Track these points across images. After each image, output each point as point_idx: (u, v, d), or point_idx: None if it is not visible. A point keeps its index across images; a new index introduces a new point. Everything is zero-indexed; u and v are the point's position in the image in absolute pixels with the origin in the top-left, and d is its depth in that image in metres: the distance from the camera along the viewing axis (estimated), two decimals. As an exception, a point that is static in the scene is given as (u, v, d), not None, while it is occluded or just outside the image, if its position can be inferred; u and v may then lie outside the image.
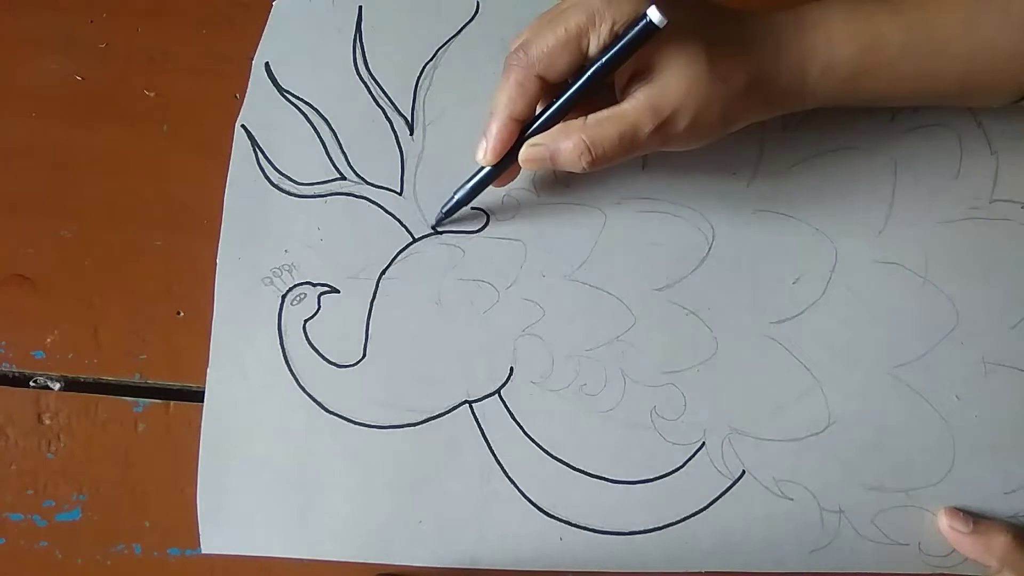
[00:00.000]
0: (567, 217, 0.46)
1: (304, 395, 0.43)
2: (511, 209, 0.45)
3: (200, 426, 0.43)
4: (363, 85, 0.46)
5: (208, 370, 0.43)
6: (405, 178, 0.45)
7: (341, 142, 0.45)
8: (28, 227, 0.44)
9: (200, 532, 0.42)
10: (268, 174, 0.45)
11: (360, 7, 0.46)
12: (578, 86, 0.39)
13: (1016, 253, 0.47)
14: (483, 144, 0.40)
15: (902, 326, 0.46)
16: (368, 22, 0.46)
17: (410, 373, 0.44)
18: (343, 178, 0.45)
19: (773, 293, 0.46)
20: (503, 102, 0.39)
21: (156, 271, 0.44)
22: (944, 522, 0.45)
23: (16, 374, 0.44)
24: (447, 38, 0.46)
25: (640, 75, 0.39)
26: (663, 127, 0.39)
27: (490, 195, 0.45)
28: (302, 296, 0.44)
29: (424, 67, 0.46)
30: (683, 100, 0.38)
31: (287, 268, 0.44)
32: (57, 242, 0.44)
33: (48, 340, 0.44)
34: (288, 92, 0.45)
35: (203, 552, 0.42)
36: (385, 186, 0.45)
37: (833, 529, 0.45)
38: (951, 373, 0.46)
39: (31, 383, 0.44)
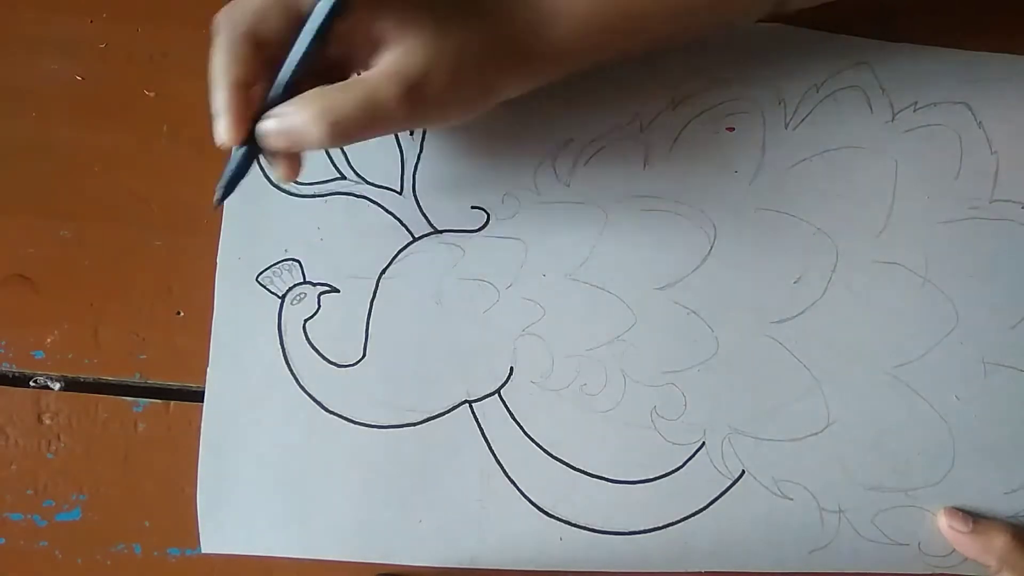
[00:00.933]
0: (568, 216, 0.45)
1: (304, 395, 0.43)
2: (511, 208, 0.45)
3: (200, 426, 0.43)
4: (363, 84, 0.45)
5: (208, 370, 0.43)
6: (405, 177, 0.45)
7: (341, 141, 0.45)
8: (28, 227, 0.44)
9: (200, 531, 0.42)
10: (268, 173, 0.44)
11: (360, 5, 0.46)
12: (307, 37, 0.34)
13: (1016, 253, 0.47)
14: (218, 123, 0.35)
15: (902, 326, 0.46)
16: (368, 20, 0.46)
17: (410, 373, 0.44)
18: (343, 177, 0.45)
19: (774, 292, 0.46)
20: (218, 68, 0.34)
21: (156, 271, 0.44)
22: (944, 522, 0.45)
23: (16, 374, 0.44)
24: (447, 37, 0.46)
25: (379, 46, 0.35)
26: (412, 92, 0.35)
27: (490, 194, 0.45)
28: (302, 296, 0.44)
29: (424, 66, 0.46)
30: (431, 61, 0.35)
31: (287, 267, 0.44)
32: (57, 242, 0.44)
33: (48, 340, 0.44)
34: (288, 91, 0.45)
35: (203, 551, 0.42)
36: (385, 185, 0.45)
37: (833, 529, 0.45)
38: (951, 373, 0.46)
39: (31, 383, 0.43)
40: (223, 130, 0.34)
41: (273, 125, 0.34)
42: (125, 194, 0.45)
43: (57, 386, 0.43)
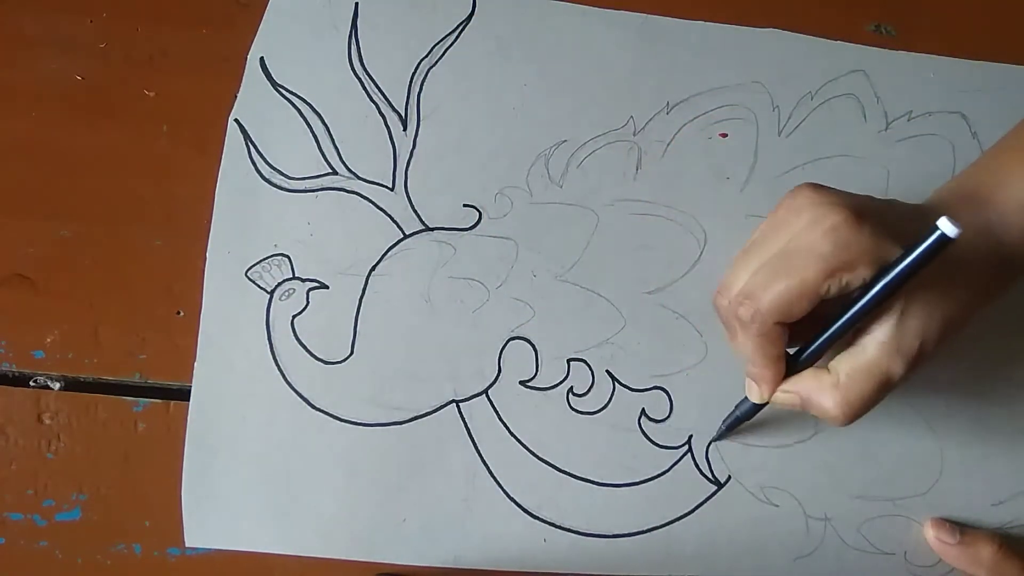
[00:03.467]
0: (559, 217, 0.45)
1: (290, 391, 0.43)
2: (504, 207, 0.45)
3: (198, 424, 0.43)
4: (357, 81, 0.45)
5: (195, 363, 0.43)
6: (397, 173, 0.45)
7: (334, 136, 0.45)
8: (28, 227, 0.44)
9: (184, 525, 0.42)
10: (260, 168, 0.44)
11: (356, 3, 0.46)
12: (838, 328, 0.38)
13: (1008, 264, 0.47)
14: (755, 386, 0.41)
15: (892, 335, 0.46)
16: (364, 18, 0.46)
17: (398, 371, 0.44)
18: (334, 173, 0.45)
19: (764, 299, 0.46)
20: (759, 355, 0.39)
21: (156, 271, 0.44)
22: (931, 534, 0.45)
23: (16, 374, 0.43)
24: (443, 35, 0.46)
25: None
26: (915, 363, 0.37)
27: (482, 193, 0.45)
28: (291, 291, 0.44)
29: (419, 63, 0.46)
30: (929, 328, 0.37)
31: (276, 262, 0.44)
32: (57, 242, 0.44)
33: (48, 340, 0.43)
34: (282, 87, 0.45)
35: (187, 545, 0.42)
36: (377, 181, 0.45)
37: (818, 536, 0.45)
38: (940, 383, 0.46)
39: (31, 383, 0.43)
40: (760, 395, 0.40)
41: (797, 400, 0.39)
42: (125, 194, 0.45)
43: (57, 386, 0.43)
